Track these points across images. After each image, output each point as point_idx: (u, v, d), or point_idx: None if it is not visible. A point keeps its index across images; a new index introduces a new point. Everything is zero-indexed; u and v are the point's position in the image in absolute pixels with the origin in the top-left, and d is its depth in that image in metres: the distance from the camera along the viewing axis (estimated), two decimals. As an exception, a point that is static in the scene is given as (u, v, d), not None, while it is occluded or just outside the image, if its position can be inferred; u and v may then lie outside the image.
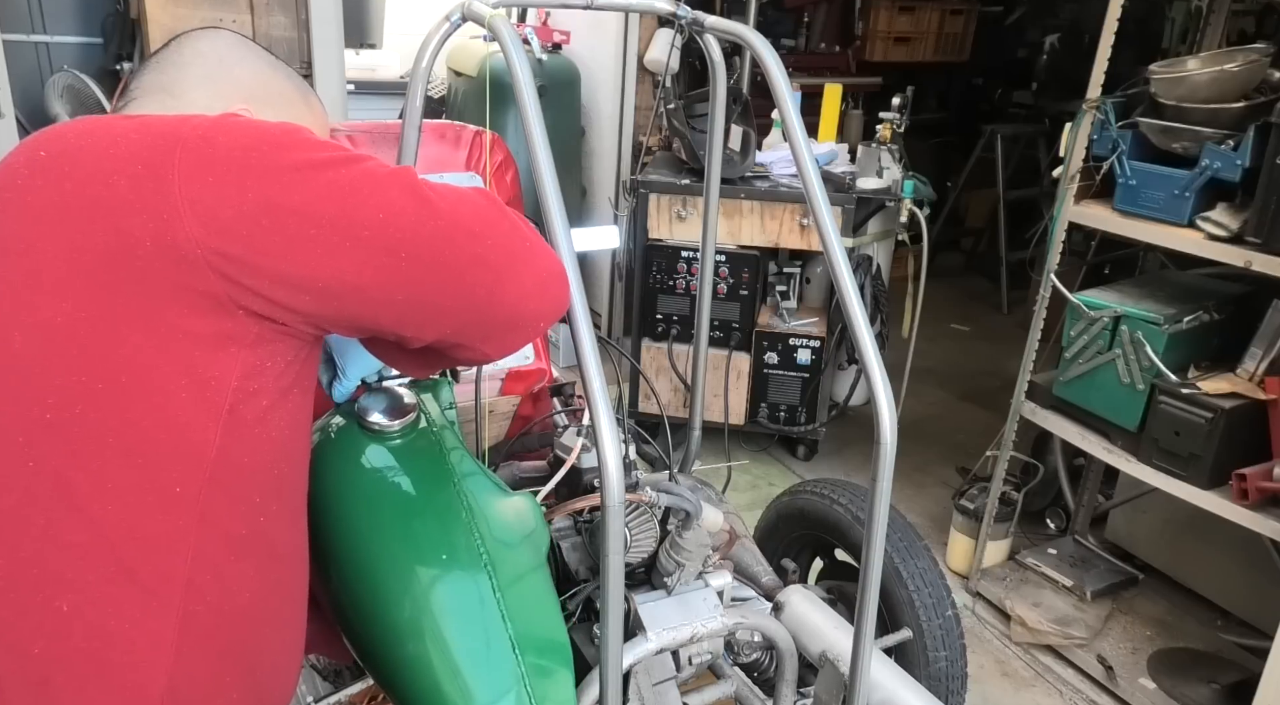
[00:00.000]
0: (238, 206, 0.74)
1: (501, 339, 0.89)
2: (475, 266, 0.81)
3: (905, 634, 1.68)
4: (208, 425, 0.78)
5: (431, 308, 0.82)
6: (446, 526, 1.05)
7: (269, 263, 0.76)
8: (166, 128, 0.78)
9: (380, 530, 1.05)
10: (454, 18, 1.01)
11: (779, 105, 1.02)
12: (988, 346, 4.33)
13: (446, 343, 0.87)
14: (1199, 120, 1.92)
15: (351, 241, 0.77)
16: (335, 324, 0.84)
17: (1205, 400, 1.91)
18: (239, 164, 0.75)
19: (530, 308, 0.85)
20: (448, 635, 0.98)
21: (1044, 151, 4.79)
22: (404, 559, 1.02)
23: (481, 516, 1.06)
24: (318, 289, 0.78)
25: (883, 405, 0.95)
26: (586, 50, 3.69)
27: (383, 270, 0.78)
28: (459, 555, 1.02)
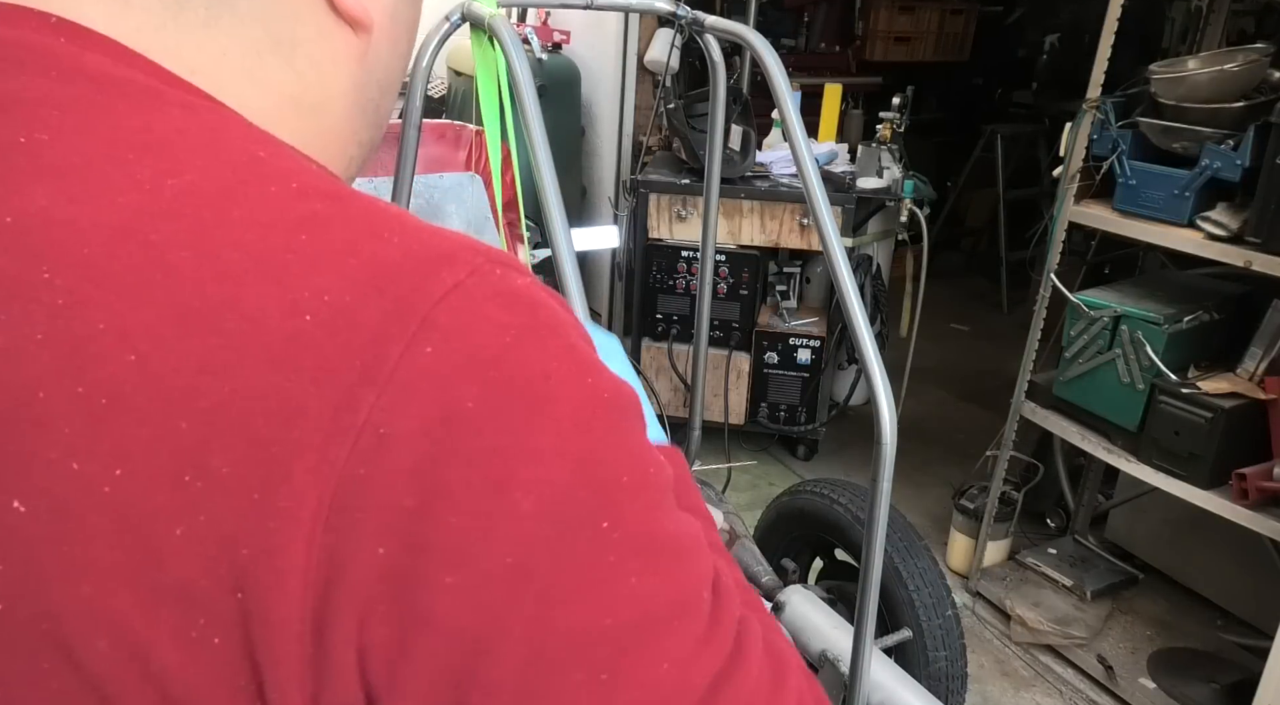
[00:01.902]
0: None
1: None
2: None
3: (905, 634, 1.68)
4: None
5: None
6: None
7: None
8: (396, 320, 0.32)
9: None
10: (454, 18, 1.01)
11: (779, 105, 1.02)
12: (988, 346, 4.33)
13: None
14: (1199, 120, 1.92)
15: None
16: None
17: (1205, 400, 1.91)
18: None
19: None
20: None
21: (1044, 151, 4.79)
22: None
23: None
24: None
25: (883, 405, 0.95)
26: (586, 50, 3.68)
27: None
28: None
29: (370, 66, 0.45)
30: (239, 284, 0.32)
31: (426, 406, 0.31)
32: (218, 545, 0.30)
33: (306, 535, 0.30)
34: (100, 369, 0.30)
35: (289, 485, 0.30)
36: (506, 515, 0.32)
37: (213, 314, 0.31)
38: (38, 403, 0.31)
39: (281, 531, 0.30)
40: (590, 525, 0.34)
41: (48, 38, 0.36)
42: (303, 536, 0.30)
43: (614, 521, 0.34)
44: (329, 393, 0.31)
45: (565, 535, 0.33)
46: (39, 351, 0.31)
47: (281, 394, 0.31)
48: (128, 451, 0.30)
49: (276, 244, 0.33)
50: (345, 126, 0.46)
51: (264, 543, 0.30)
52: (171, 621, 0.31)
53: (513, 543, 0.32)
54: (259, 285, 0.32)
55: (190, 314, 0.31)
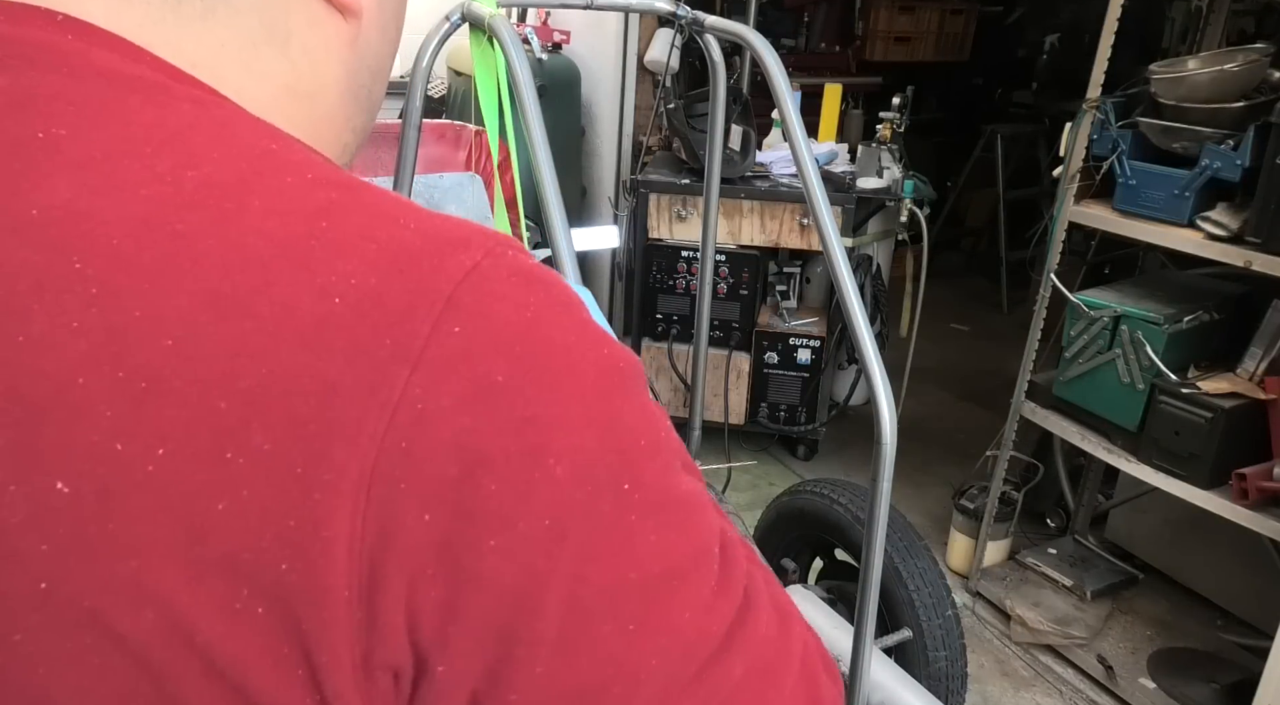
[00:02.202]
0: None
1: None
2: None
3: (905, 634, 1.68)
4: None
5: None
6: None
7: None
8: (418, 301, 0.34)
9: None
10: (454, 18, 1.01)
11: (779, 105, 1.02)
12: (988, 346, 4.33)
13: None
14: (1199, 120, 1.92)
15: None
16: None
17: (1205, 400, 1.91)
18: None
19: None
20: None
21: (1044, 151, 4.79)
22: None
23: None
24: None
25: (883, 405, 0.95)
26: (586, 50, 3.68)
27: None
28: None
29: (361, 52, 0.46)
30: (267, 270, 0.33)
31: (460, 382, 0.33)
32: (260, 518, 0.32)
33: (350, 506, 0.32)
34: (138, 354, 0.32)
35: (329, 459, 0.32)
36: (543, 481, 0.34)
37: (244, 299, 0.32)
38: (77, 388, 0.31)
39: (325, 503, 0.32)
40: (614, 487, 0.36)
41: (55, 35, 0.36)
42: (347, 507, 0.32)
43: (634, 483, 0.36)
44: (363, 371, 0.32)
45: (594, 497, 0.35)
46: (75, 339, 0.32)
47: (316, 373, 0.32)
48: (169, 432, 0.31)
49: (299, 231, 0.34)
50: (339, 112, 0.47)
51: (309, 514, 0.32)
52: (216, 594, 0.32)
53: (550, 506, 0.34)
54: (287, 271, 0.33)
55: (222, 300, 0.32)
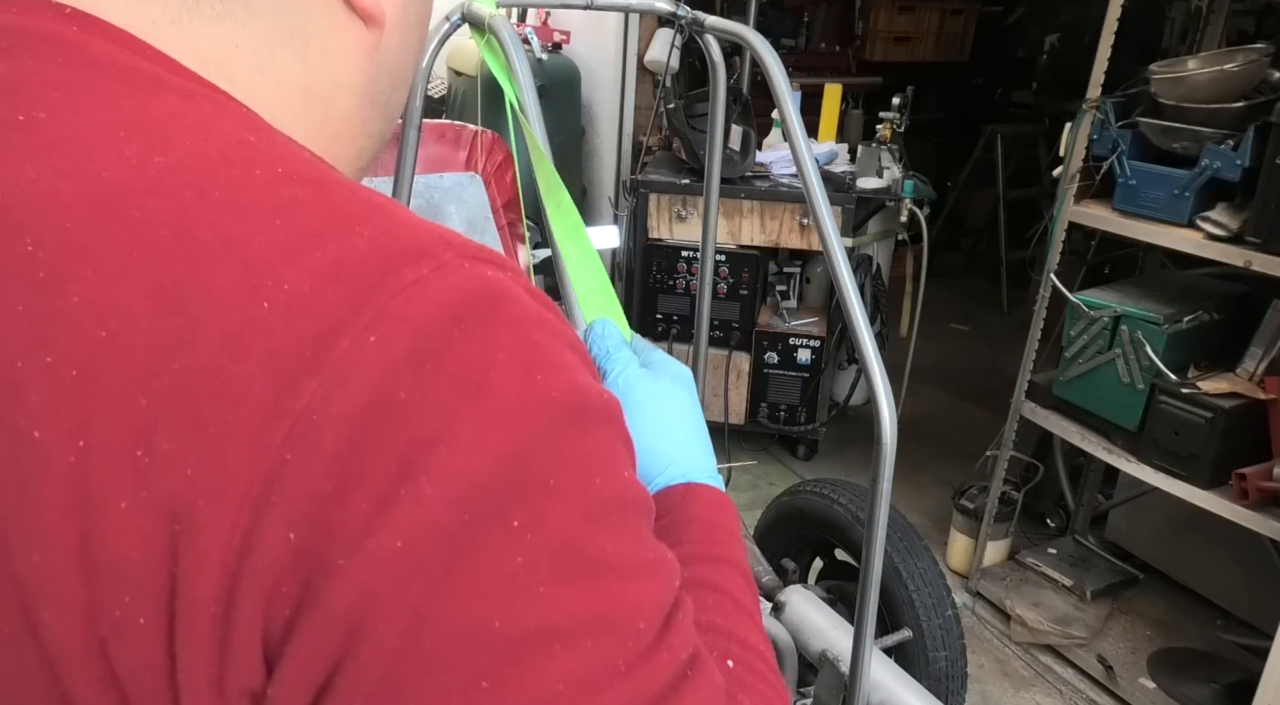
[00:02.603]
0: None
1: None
2: None
3: (905, 634, 1.68)
4: None
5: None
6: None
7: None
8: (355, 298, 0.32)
9: None
10: (454, 18, 1.01)
11: (779, 105, 1.02)
12: (988, 346, 4.33)
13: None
14: (1199, 120, 1.92)
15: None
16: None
17: (1205, 400, 1.91)
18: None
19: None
20: None
21: (1044, 151, 4.79)
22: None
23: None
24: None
25: (883, 405, 0.95)
26: (586, 50, 3.68)
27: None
28: None
29: (381, 60, 0.45)
30: (208, 266, 0.32)
31: (359, 394, 0.31)
32: (154, 521, 0.30)
33: (233, 517, 0.30)
34: (71, 342, 0.31)
35: (221, 465, 0.30)
36: (407, 500, 0.31)
37: (180, 294, 0.31)
38: (15, 372, 0.31)
39: (208, 510, 0.30)
40: (499, 522, 0.32)
41: (60, 26, 0.37)
42: (228, 518, 0.30)
43: (529, 522, 0.32)
44: (273, 377, 0.31)
45: (468, 528, 0.31)
46: (19, 322, 0.31)
47: (227, 375, 0.31)
48: (90, 425, 0.30)
49: (251, 229, 0.33)
50: (355, 117, 0.46)
51: (192, 520, 0.30)
52: (103, 598, 0.31)
53: (406, 528, 0.31)
54: (226, 267, 0.32)
55: (161, 293, 0.31)
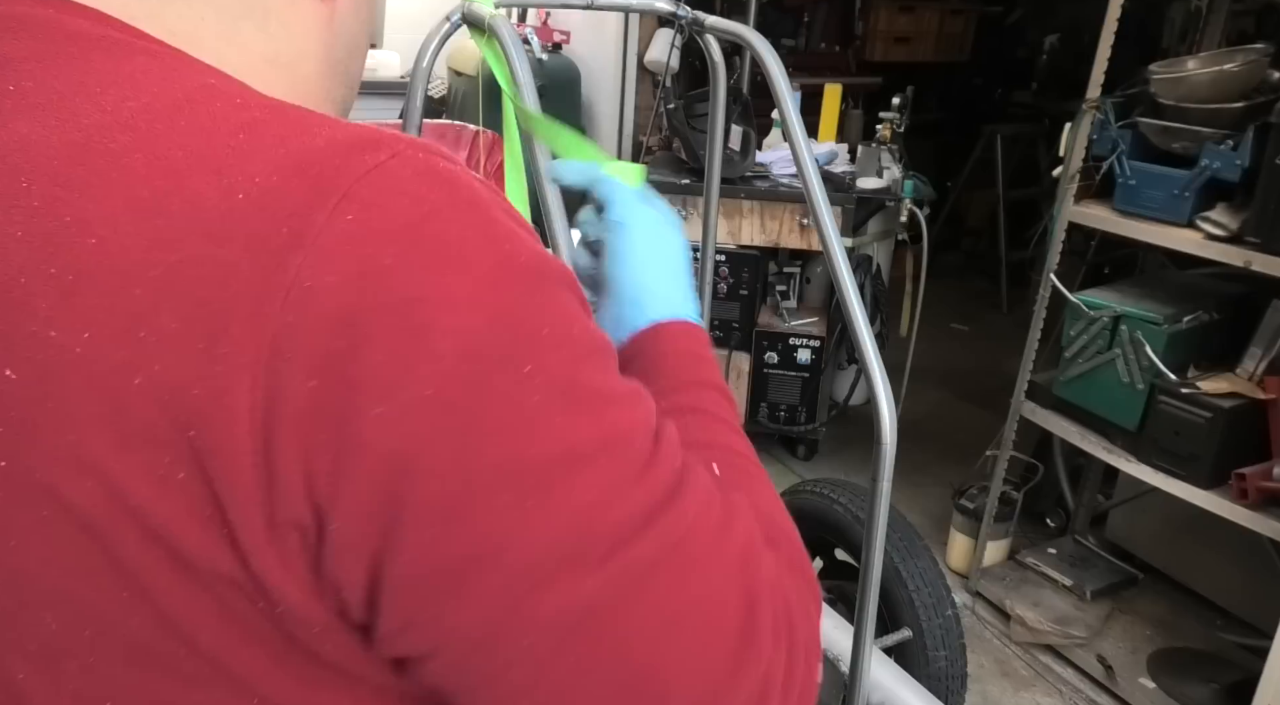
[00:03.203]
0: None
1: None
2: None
3: (905, 634, 1.68)
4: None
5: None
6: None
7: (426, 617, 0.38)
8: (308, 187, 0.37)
9: None
10: (454, 18, 1.01)
11: (779, 105, 1.02)
12: (987, 346, 4.33)
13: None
14: (1199, 120, 1.92)
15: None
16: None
17: (1205, 400, 1.91)
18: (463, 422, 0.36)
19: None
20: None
21: (1044, 151, 4.79)
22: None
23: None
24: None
25: (883, 405, 0.95)
26: (586, 50, 3.68)
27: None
28: None
29: (337, 30, 0.51)
30: (182, 176, 0.37)
31: (347, 263, 0.35)
32: (170, 391, 0.35)
33: (249, 378, 0.35)
34: (68, 253, 0.36)
35: (229, 335, 0.35)
36: (426, 355, 0.36)
37: (160, 201, 0.36)
38: (19, 287, 0.36)
39: (226, 375, 0.35)
40: (512, 367, 0.37)
41: (38, 9, 0.41)
42: (246, 379, 0.35)
43: (536, 366, 0.37)
44: (260, 257, 0.35)
45: (485, 374, 0.36)
46: (19, 246, 0.36)
47: (218, 260, 0.35)
48: (93, 318, 0.35)
49: (217, 143, 0.37)
50: (318, 85, 0.51)
51: (211, 385, 0.35)
52: (142, 461, 0.35)
53: (432, 378, 0.36)
54: (199, 176, 0.36)
55: (141, 203, 0.36)
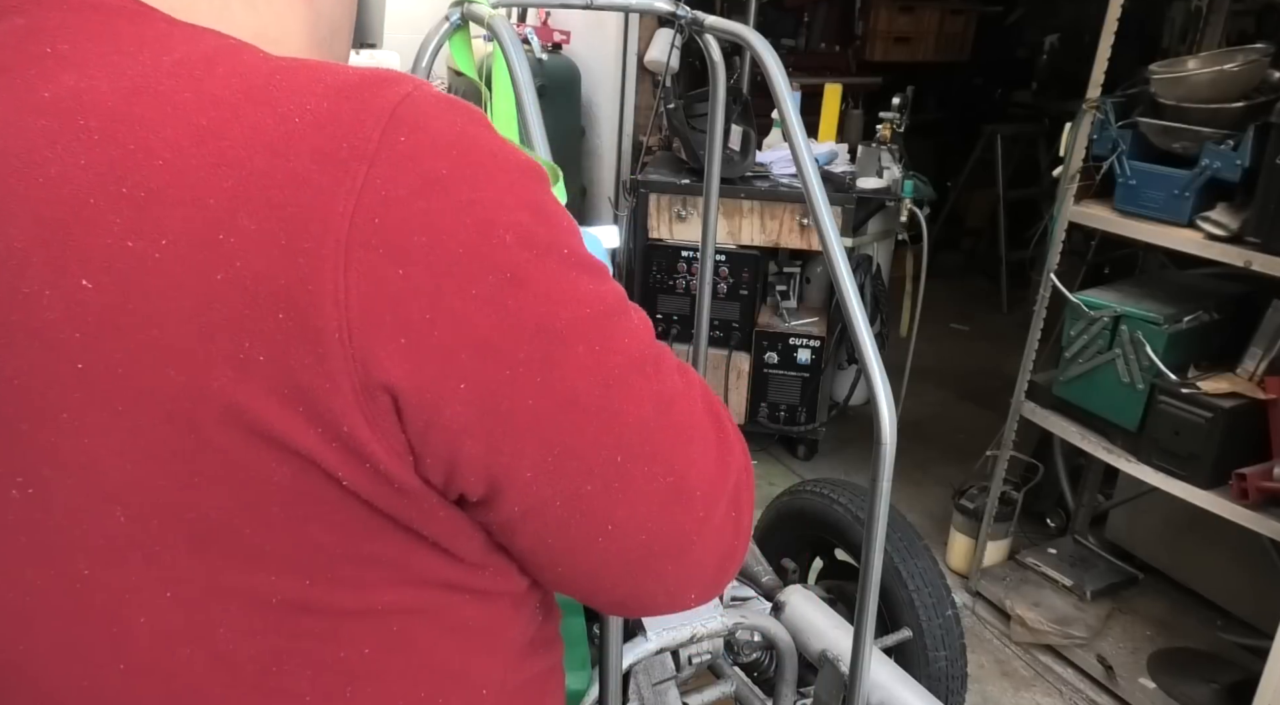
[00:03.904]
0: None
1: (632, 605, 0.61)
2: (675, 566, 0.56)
3: (905, 634, 1.68)
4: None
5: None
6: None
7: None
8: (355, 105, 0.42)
9: None
10: (454, 18, 1.01)
11: (779, 105, 1.02)
12: (988, 346, 4.33)
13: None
14: (1199, 120, 1.92)
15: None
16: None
17: (1205, 400, 1.91)
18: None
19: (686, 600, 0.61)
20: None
21: (1044, 151, 4.79)
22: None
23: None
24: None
25: (882, 405, 0.95)
26: (586, 50, 3.68)
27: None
28: None
29: (319, 9, 0.56)
30: (235, 109, 0.41)
31: (412, 176, 0.41)
32: (255, 282, 0.39)
33: (331, 266, 0.40)
34: (137, 174, 0.40)
35: (308, 231, 0.40)
36: (499, 246, 0.43)
37: (219, 127, 0.41)
38: (89, 207, 0.40)
39: (308, 265, 0.40)
40: (556, 251, 0.46)
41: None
42: (328, 267, 0.40)
43: (570, 249, 0.47)
44: (327, 167, 0.40)
45: (541, 258, 0.45)
46: (83, 172, 0.40)
47: (287, 171, 0.40)
48: (169, 227, 0.40)
49: (257, 83, 0.42)
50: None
51: (295, 274, 0.39)
52: (224, 347, 0.40)
53: (508, 263, 0.43)
54: (250, 107, 0.41)
55: (199, 130, 0.41)
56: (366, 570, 0.47)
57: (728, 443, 0.57)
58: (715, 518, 0.55)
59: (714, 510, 0.55)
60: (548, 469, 0.47)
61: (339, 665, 0.49)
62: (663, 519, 0.52)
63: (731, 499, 0.56)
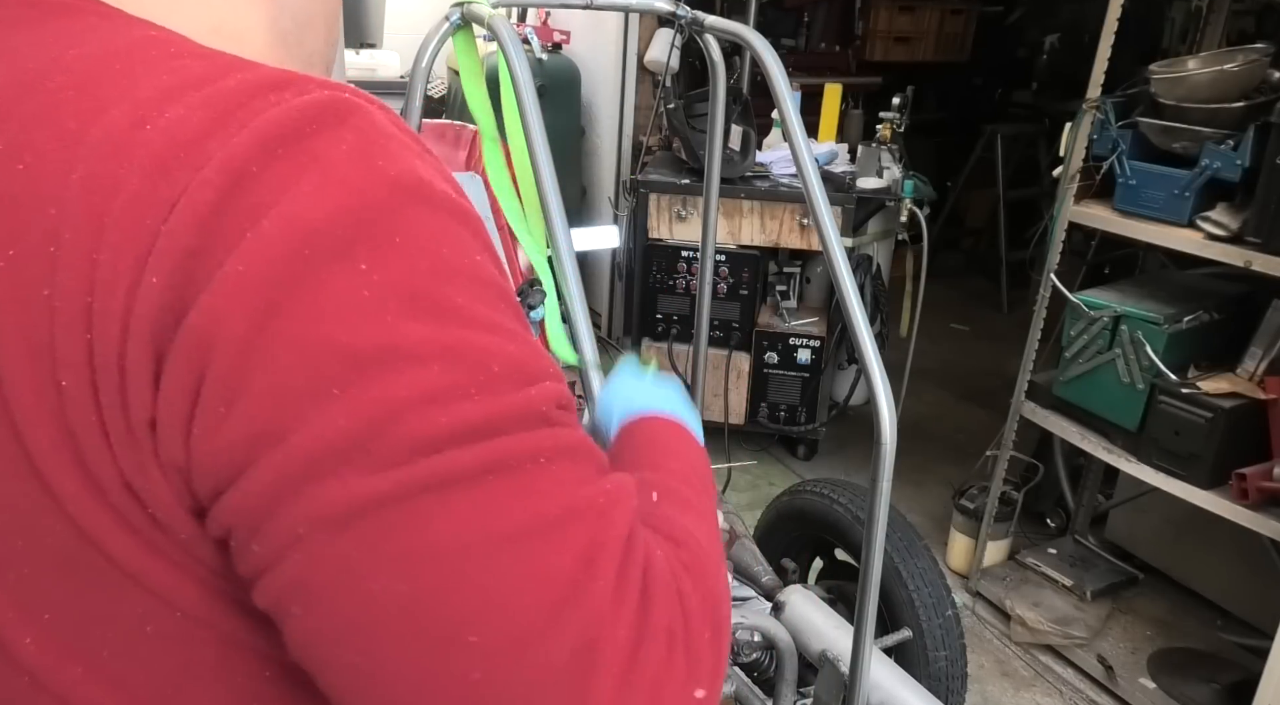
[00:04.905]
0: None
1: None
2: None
3: (905, 634, 1.68)
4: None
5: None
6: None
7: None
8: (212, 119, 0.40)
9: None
10: (454, 17, 1.01)
11: (779, 105, 1.02)
12: (988, 346, 4.33)
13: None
14: (1199, 120, 1.92)
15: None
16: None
17: (1205, 400, 1.91)
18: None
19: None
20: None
21: (1044, 151, 4.79)
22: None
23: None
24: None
25: (882, 405, 0.95)
26: (586, 50, 3.69)
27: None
28: None
29: (281, 2, 0.53)
30: (105, 109, 0.40)
31: (224, 177, 0.38)
32: (68, 298, 0.38)
33: (127, 283, 0.37)
34: (1, 178, 0.39)
35: (108, 244, 0.37)
36: (251, 237, 0.37)
37: (83, 131, 0.39)
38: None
39: (109, 281, 0.37)
40: (344, 261, 0.38)
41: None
42: (124, 284, 0.37)
43: (374, 266, 0.39)
44: (151, 173, 0.38)
45: (310, 261, 0.38)
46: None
47: (114, 176, 0.38)
48: (16, 236, 0.39)
49: (142, 83, 0.40)
50: (269, 57, 0.52)
51: (100, 291, 0.37)
52: (43, 369, 0.38)
53: (248, 255, 0.37)
54: (119, 108, 0.39)
55: (67, 134, 0.39)
56: (222, 601, 0.43)
57: (589, 585, 0.40)
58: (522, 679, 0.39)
59: (521, 660, 0.39)
60: (241, 533, 0.40)
61: (238, 690, 0.45)
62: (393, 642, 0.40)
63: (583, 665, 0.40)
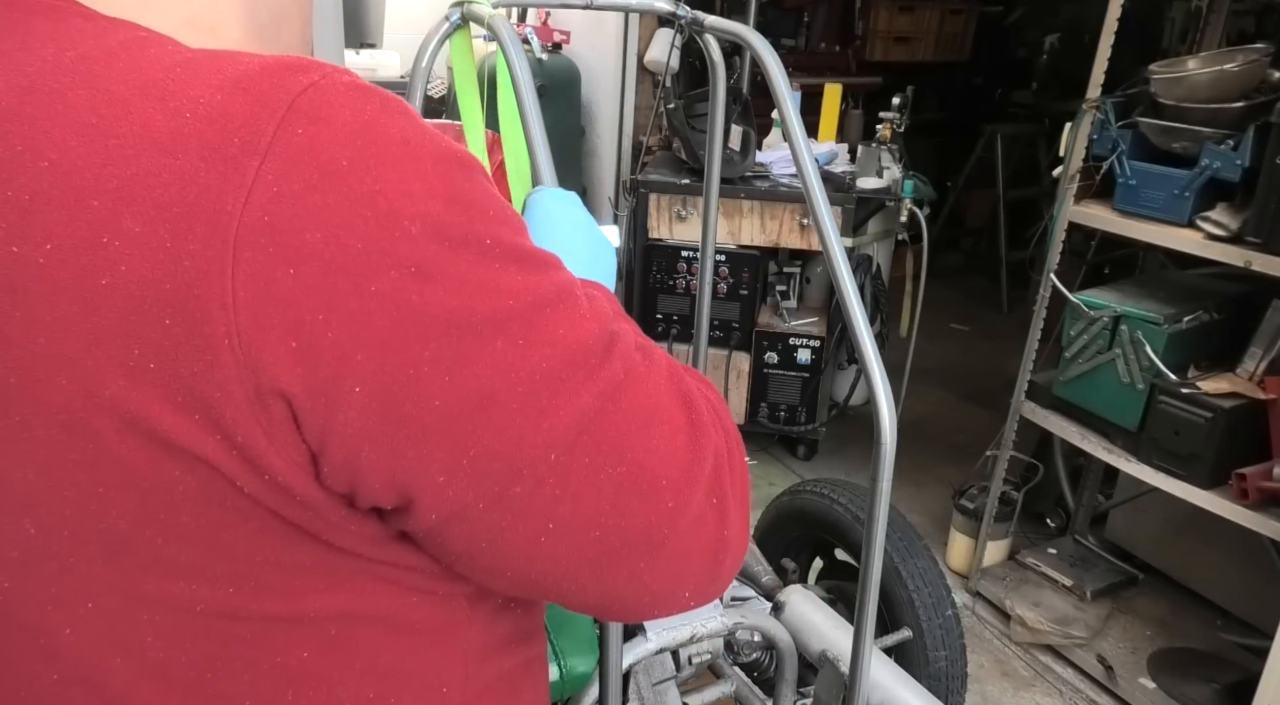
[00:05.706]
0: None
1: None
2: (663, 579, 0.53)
3: (905, 634, 1.68)
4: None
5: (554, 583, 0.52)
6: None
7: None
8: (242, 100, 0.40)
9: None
10: (454, 17, 1.01)
11: (779, 105, 1.02)
12: (988, 346, 4.33)
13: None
14: (1199, 120, 1.92)
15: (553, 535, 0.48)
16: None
17: (1205, 400, 1.91)
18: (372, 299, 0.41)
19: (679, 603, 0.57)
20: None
21: (1044, 151, 4.79)
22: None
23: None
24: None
25: (882, 405, 0.95)
26: (586, 50, 3.68)
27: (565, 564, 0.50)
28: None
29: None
30: (127, 105, 0.40)
31: (309, 170, 0.39)
32: (140, 286, 0.38)
33: (218, 269, 0.38)
34: (22, 176, 0.39)
35: (194, 233, 0.38)
36: (401, 237, 0.40)
37: (108, 125, 0.39)
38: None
39: (194, 268, 0.38)
40: (476, 241, 0.43)
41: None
42: (215, 270, 0.38)
43: (494, 239, 0.44)
44: (215, 163, 0.38)
45: (456, 249, 0.42)
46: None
47: (174, 169, 0.38)
48: (52, 230, 0.38)
49: (155, 77, 0.41)
50: (244, 49, 0.53)
51: (181, 278, 0.38)
52: (112, 354, 0.39)
53: (411, 256, 0.40)
54: (143, 103, 0.40)
55: (89, 129, 0.39)
56: (293, 577, 0.45)
57: (700, 425, 0.52)
58: (690, 507, 0.51)
59: (687, 499, 0.50)
60: (463, 472, 0.44)
61: (276, 670, 0.47)
62: (619, 514, 0.48)
63: (710, 485, 0.52)
